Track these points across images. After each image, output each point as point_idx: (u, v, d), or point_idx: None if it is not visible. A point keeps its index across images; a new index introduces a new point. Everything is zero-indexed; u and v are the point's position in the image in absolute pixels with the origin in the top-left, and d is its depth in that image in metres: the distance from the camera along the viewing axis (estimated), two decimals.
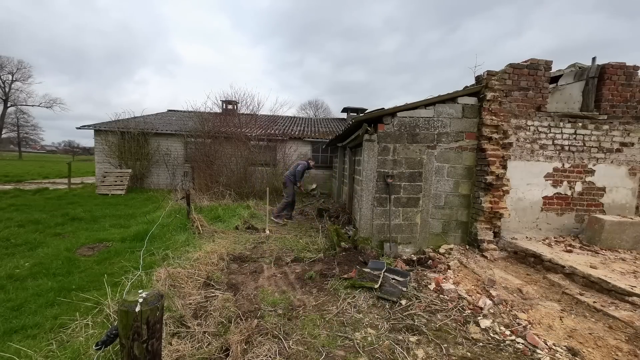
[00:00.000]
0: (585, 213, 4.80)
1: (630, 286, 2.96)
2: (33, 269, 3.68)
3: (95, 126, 12.05)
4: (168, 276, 3.20)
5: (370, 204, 4.58)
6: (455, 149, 4.60)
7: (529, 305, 2.94)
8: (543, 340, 2.41)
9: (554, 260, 3.70)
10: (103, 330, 2.24)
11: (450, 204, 4.66)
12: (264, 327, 2.54)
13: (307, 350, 2.29)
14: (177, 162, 12.44)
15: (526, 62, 4.51)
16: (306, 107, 41.11)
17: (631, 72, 4.67)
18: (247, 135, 10.68)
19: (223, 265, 3.98)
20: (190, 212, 6.00)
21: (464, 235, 4.70)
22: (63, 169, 19.09)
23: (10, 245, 4.53)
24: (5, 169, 19.61)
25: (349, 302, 3.02)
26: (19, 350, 2.13)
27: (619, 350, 2.27)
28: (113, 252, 4.38)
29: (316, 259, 4.31)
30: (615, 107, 4.70)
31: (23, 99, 38.91)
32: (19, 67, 37.81)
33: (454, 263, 3.97)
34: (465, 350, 2.32)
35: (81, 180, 14.56)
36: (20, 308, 2.83)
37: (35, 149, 65.27)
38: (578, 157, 4.75)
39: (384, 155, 4.52)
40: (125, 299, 1.27)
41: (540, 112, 4.59)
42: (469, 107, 4.56)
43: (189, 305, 2.79)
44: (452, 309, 2.90)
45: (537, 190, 4.74)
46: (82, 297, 2.89)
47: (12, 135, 41.74)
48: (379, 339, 2.45)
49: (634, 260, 3.77)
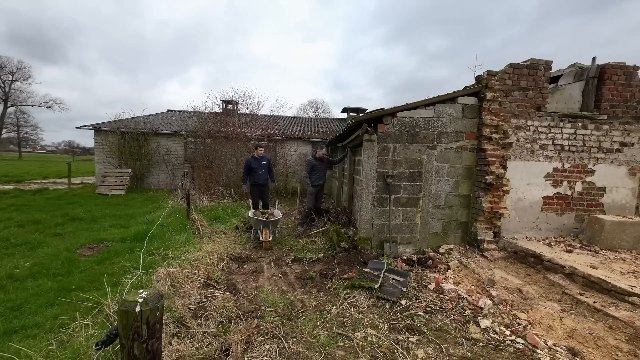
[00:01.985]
0: (585, 213, 4.80)
1: (630, 286, 2.96)
2: (33, 269, 3.68)
3: (95, 126, 12.05)
4: (168, 276, 3.20)
5: (370, 204, 4.58)
6: (455, 149, 4.60)
7: (529, 305, 2.94)
8: (543, 340, 2.41)
9: (554, 260, 3.70)
10: (103, 330, 2.24)
11: (450, 204, 4.66)
12: (264, 327, 2.54)
13: (307, 350, 2.29)
14: (177, 162, 12.44)
15: (526, 62, 4.51)
16: (306, 107, 41.15)
17: (631, 72, 4.67)
18: (247, 135, 10.69)
19: (223, 265, 3.98)
20: (190, 212, 6.00)
21: (464, 235, 4.70)
22: (63, 169, 19.08)
23: (10, 245, 4.53)
24: (5, 169, 19.61)
25: (349, 302, 3.02)
26: (19, 350, 2.13)
27: (619, 350, 2.27)
28: (113, 252, 4.38)
29: (316, 259, 4.31)
30: (615, 107, 4.70)
31: (23, 99, 38.96)
32: (19, 67, 37.86)
33: (454, 263, 3.97)
34: (465, 350, 2.32)
35: (81, 180, 14.56)
36: (20, 308, 2.83)
37: (35, 149, 65.29)
38: (578, 157, 4.75)
39: (384, 155, 4.52)
40: (125, 299, 1.27)
41: (540, 112, 4.59)
42: (469, 107, 4.56)
43: (189, 305, 2.79)
44: (452, 309, 2.90)
45: (537, 190, 4.74)
46: (82, 297, 2.88)
47: (12, 135, 41.75)
48: (379, 339, 2.44)
49: (634, 260, 3.77)
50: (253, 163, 6.19)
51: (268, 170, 6.41)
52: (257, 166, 6.20)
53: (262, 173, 6.26)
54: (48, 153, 68.62)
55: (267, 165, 6.39)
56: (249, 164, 6.20)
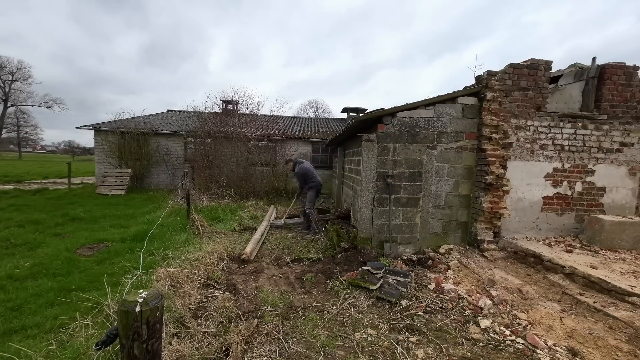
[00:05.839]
0: (585, 213, 4.80)
1: (630, 286, 2.96)
2: (33, 269, 3.68)
3: (95, 126, 12.05)
4: (168, 276, 3.20)
5: (370, 204, 4.58)
6: (455, 149, 4.60)
7: (529, 305, 2.94)
8: (543, 340, 2.41)
9: (554, 260, 3.70)
10: (103, 330, 2.24)
11: (450, 204, 4.66)
12: (263, 327, 2.54)
13: (307, 351, 2.29)
14: (177, 162, 12.43)
15: (526, 62, 4.52)
16: (306, 107, 41.19)
17: (631, 72, 4.67)
18: (247, 135, 10.68)
19: (223, 265, 3.98)
20: (190, 212, 6.00)
21: (464, 235, 4.70)
22: (63, 169, 19.08)
23: (10, 245, 4.53)
24: (5, 169, 19.60)
25: (349, 302, 3.02)
26: (19, 350, 2.13)
27: (619, 350, 2.27)
28: (113, 252, 4.38)
29: (316, 259, 4.31)
30: (615, 107, 4.70)
31: (23, 99, 38.96)
32: (19, 67, 37.84)
33: (454, 263, 3.97)
34: (465, 351, 2.32)
35: (81, 180, 14.55)
36: (20, 308, 2.83)
37: (35, 149, 65.28)
38: (578, 157, 4.75)
39: (384, 156, 4.52)
40: (125, 299, 1.27)
41: (540, 112, 4.59)
42: (469, 107, 4.56)
43: (189, 305, 2.79)
44: (452, 309, 2.90)
45: (537, 190, 4.74)
46: (82, 297, 2.88)
47: (12, 135, 41.74)
48: (379, 339, 2.44)
49: (634, 260, 3.77)
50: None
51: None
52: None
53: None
54: (48, 153, 68.60)
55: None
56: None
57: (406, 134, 4.52)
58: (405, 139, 4.53)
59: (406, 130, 4.52)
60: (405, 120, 4.50)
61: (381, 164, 4.52)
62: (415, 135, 4.53)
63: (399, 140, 4.52)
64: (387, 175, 4.50)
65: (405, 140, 4.53)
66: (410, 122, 4.51)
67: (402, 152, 4.53)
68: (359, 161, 5.05)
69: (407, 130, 4.52)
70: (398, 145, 4.52)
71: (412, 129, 4.52)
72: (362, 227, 4.63)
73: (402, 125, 4.50)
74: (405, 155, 4.54)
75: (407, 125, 4.51)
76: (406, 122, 4.51)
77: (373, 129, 4.66)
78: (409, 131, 4.52)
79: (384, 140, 4.50)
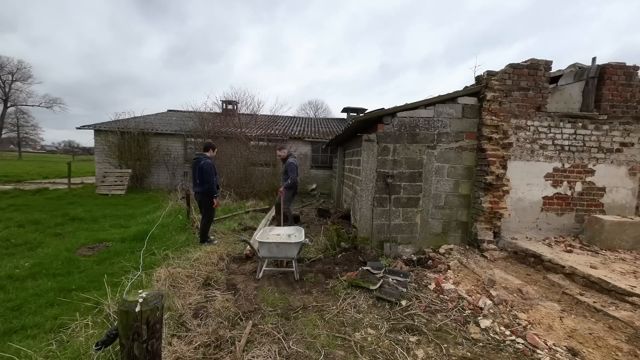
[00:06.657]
0: (585, 213, 4.80)
1: (630, 286, 2.96)
2: (33, 269, 3.67)
3: (95, 126, 12.05)
4: (168, 276, 3.20)
5: (370, 204, 4.58)
6: (455, 149, 4.60)
7: (529, 305, 2.94)
8: (543, 340, 2.41)
9: (554, 261, 3.70)
10: (103, 330, 2.24)
11: (450, 204, 4.66)
12: (263, 327, 2.54)
13: (307, 351, 2.29)
14: (177, 162, 12.43)
15: (526, 62, 4.52)
16: (306, 107, 41.20)
17: (631, 72, 4.67)
18: (247, 135, 10.68)
19: (223, 265, 3.98)
20: (190, 213, 6.00)
21: (464, 235, 4.70)
22: (63, 169, 19.08)
23: (10, 245, 4.53)
24: (5, 169, 19.60)
25: (349, 303, 3.02)
26: (19, 350, 2.13)
27: (619, 350, 2.27)
28: (113, 252, 4.38)
29: (316, 259, 4.31)
30: (615, 107, 4.70)
31: (23, 99, 38.96)
32: (19, 67, 37.85)
33: (454, 263, 3.97)
34: (465, 351, 2.32)
35: (81, 180, 14.55)
36: (20, 308, 2.82)
37: (35, 149, 65.27)
38: (578, 157, 4.75)
39: (384, 156, 4.52)
40: (125, 299, 1.27)
41: (540, 112, 4.59)
42: (469, 107, 4.56)
43: (189, 305, 2.79)
44: (452, 309, 2.90)
45: (537, 190, 4.74)
46: (82, 297, 2.88)
47: (12, 135, 41.73)
48: (379, 339, 2.44)
49: (634, 260, 3.77)
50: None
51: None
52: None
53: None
54: (48, 153, 68.60)
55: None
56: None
57: (406, 134, 4.52)
58: (405, 139, 4.53)
59: (406, 130, 4.52)
60: (405, 120, 4.50)
61: (381, 164, 4.52)
62: (415, 135, 4.53)
63: (399, 140, 4.52)
64: (387, 175, 4.50)
65: (405, 140, 4.53)
66: (410, 122, 4.51)
67: (402, 152, 4.53)
68: (359, 161, 5.05)
69: (407, 130, 4.52)
70: (398, 145, 4.52)
71: (412, 129, 4.52)
72: (362, 227, 4.63)
73: (402, 125, 4.50)
74: (405, 155, 4.54)
75: (407, 125, 4.51)
76: (406, 122, 4.51)
77: (373, 129, 4.67)
78: (409, 131, 4.52)
79: (384, 140, 4.50)
